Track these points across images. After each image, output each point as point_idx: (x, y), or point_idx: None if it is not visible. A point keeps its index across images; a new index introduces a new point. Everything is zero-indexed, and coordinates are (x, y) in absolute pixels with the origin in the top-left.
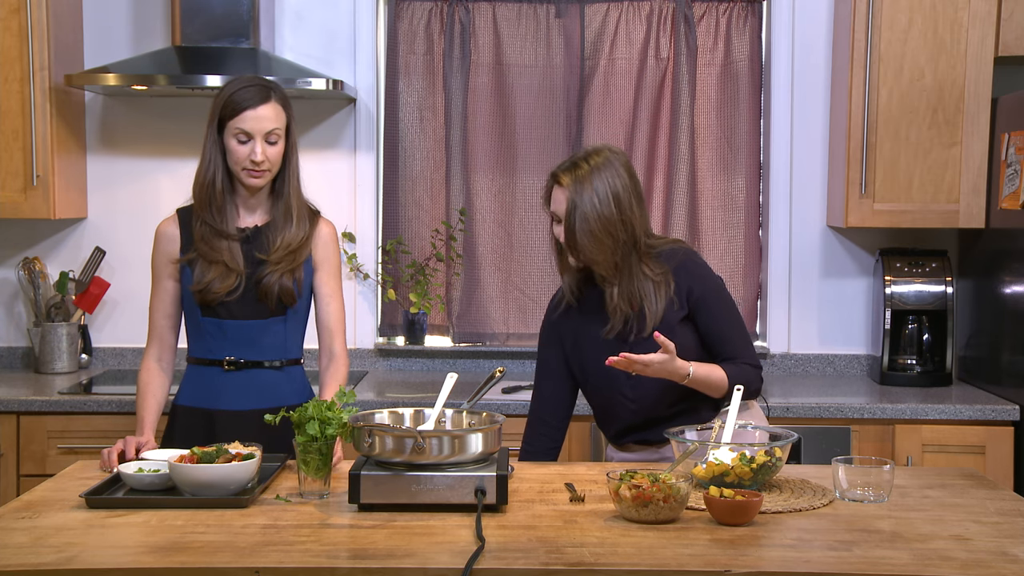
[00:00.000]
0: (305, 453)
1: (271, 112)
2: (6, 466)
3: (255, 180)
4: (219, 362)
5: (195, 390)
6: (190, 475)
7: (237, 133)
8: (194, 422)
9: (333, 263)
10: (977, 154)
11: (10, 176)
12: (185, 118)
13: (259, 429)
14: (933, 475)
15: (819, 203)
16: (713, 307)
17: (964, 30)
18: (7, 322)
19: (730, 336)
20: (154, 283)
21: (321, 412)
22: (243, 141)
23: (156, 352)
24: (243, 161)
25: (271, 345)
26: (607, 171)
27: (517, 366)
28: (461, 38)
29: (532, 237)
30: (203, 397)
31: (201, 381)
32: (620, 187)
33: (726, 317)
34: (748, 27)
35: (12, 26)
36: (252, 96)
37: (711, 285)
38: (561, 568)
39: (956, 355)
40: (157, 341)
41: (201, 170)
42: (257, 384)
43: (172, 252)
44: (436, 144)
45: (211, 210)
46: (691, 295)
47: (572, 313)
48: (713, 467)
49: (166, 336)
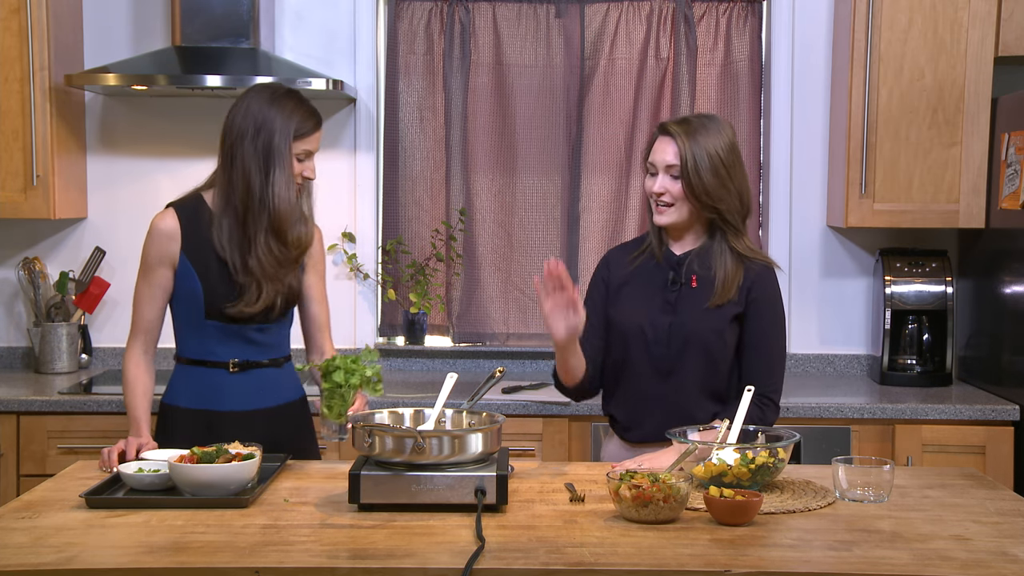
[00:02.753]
0: (330, 398)
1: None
2: (6, 466)
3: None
4: (224, 364)
5: (196, 392)
6: (190, 475)
7: (302, 153)
8: (197, 425)
9: (322, 265)
10: (977, 154)
11: (10, 176)
12: (185, 118)
13: (263, 429)
14: (933, 475)
15: (819, 203)
16: (762, 317)
17: (964, 30)
18: (7, 322)
19: (764, 357)
20: (145, 275)
21: (347, 364)
22: (302, 159)
23: (142, 346)
24: (296, 176)
25: (273, 344)
26: (718, 125)
27: (517, 366)
28: (461, 38)
29: (532, 237)
30: (206, 399)
31: (203, 383)
32: (731, 143)
33: (769, 336)
34: (748, 27)
35: (12, 26)
36: (316, 117)
37: (772, 297)
38: (561, 568)
39: (956, 355)
40: (144, 335)
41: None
42: (259, 383)
43: (172, 250)
44: (436, 144)
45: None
46: (750, 294)
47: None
48: (712, 467)
49: (153, 330)
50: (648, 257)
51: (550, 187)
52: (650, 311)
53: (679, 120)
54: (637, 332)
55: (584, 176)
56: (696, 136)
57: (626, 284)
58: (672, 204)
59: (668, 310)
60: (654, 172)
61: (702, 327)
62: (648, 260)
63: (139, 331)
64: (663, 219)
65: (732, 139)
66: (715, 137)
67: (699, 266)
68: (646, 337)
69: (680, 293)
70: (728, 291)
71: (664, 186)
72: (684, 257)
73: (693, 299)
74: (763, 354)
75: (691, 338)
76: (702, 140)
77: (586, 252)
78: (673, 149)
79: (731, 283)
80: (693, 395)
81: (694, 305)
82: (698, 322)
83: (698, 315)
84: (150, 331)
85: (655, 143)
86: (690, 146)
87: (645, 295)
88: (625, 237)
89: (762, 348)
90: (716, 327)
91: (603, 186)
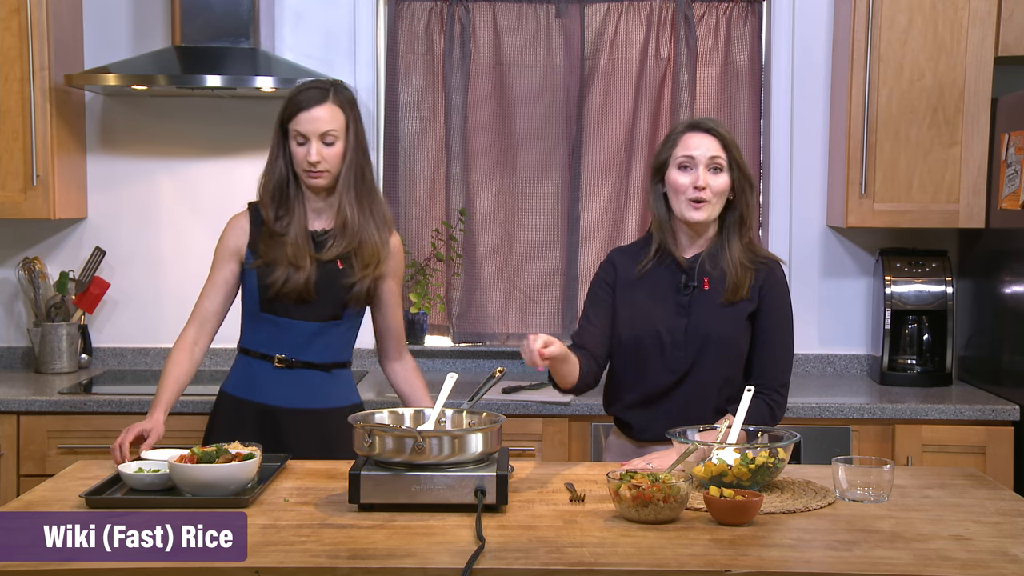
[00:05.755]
0: None
1: (326, 113)
2: (6, 466)
3: (315, 181)
4: (270, 358)
5: (242, 381)
6: (190, 475)
7: (295, 135)
8: (241, 413)
9: (400, 273)
10: (977, 154)
11: (10, 176)
12: (185, 118)
13: (305, 429)
14: (933, 475)
15: (819, 203)
16: (773, 314)
17: (964, 30)
18: (7, 322)
19: (774, 353)
20: (213, 269)
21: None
22: (301, 143)
23: (194, 335)
24: (301, 162)
25: (323, 347)
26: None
27: (517, 366)
28: (461, 38)
29: (532, 237)
30: (249, 389)
31: (250, 373)
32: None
33: (778, 331)
34: (748, 27)
35: (12, 26)
36: (309, 98)
37: (782, 295)
38: (561, 568)
39: (956, 355)
40: (197, 324)
41: (267, 171)
42: (304, 384)
43: (240, 244)
44: (436, 144)
45: (277, 210)
46: (763, 291)
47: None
48: (712, 467)
49: (208, 321)
50: (656, 262)
51: (550, 187)
52: (665, 315)
53: (707, 118)
54: (653, 336)
55: (584, 176)
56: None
57: (636, 288)
58: (709, 200)
59: (683, 312)
60: (690, 166)
61: (719, 327)
62: (657, 264)
63: (194, 319)
64: (699, 215)
65: None
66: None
67: (711, 267)
68: (662, 341)
69: (693, 295)
70: (741, 288)
71: (706, 180)
72: (695, 259)
73: (707, 300)
74: (774, 350)
75: (708, 339)
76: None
77: (586, 252)
78: (715, 144)
79: (743, 281)
80: (708, 395)
81: (708, 306)
82: (714, 323)
83: (714, 316)
84: (204, 321)
85: (683, 139)
86: (732, 140)
87: (657, 299)
88: (625, 237)
89: (773, 344)
90: (732, 326)
91: (603, 186)
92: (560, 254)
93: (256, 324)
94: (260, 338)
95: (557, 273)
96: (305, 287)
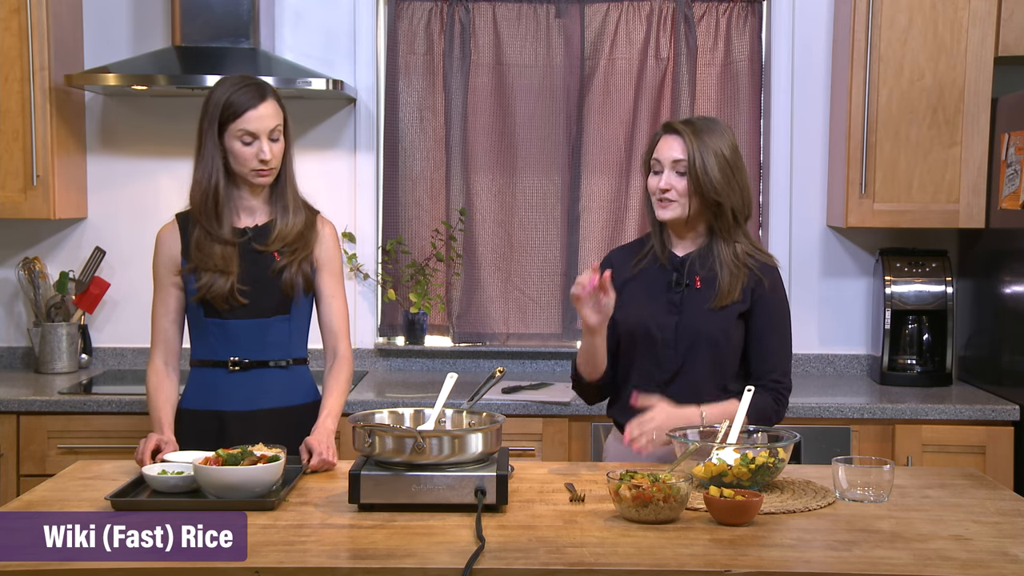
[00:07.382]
0: None
1: (271, 110)
2: (6, 466)
3: (263, 179)
4: (224, 363)
5: (200, 392)
6: (215, 477)
7: (241, 135)
8: (201, 424)
9: (335, 263)
10: (977, 154)
11: (10, 176)
12: (185, 118)
13: (268, 429)
14: (933, 475)
15: (819, 203)
16: (768, 313)
17: (964, 30)
18: (7, 322)
19: (771, 348)
20: (156, 288)
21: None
22: (248, 142)
23: (162, 356)
24: (251, 162)
25: (275, 344)
26: (720, 127)
27: (517, 366)
28: (461, 38)
29: (532, 237)
30: (209, 399)
31: (206, 383)
32: (732, 143)
33: (776, 328)
34: (748, 27)
35: (12, 26)
36: (251, 96)
37: (777, 294)
38: (561, 568)
39: (956, 355)
40: (162, 345)
41: (202, 177)
42: (263, 384)
43: (174, 257)
44: (436, 144)
45: (211, 216)
46: (755, 292)
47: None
48: (712, 467)
49: (171, 340)
50: (651, 260)
51: (550, 187)
52: (655, 312)
53: (683, 120)
54: (644, 333)
55: (584, 176)
56: (701, 135)
57: (629, 286)
58: (675, 200)
59: (673, 311)
60: (658, 170)
61: (708, 326)
62: (651, 263)
63: (156, 341)
64: (666, 214)
65: (733, 141)
66: (718, 137)
67: (700, 267)
68: (653, 338)
69: (684, 294)
70: (732, 293)
71: (669, 182)
72: (686, 258)
73: (697, 299)
74: (771, 344)
75: (698, 337)
76: (706, 138)
77: (586, 252)
78: (680, 145)
79: (734, 284)
80: (699, 394)
81: (699, 305)
82: (704, 321)
83: (703, 315)
84: (167, 340)
85: (658, 142)
86: (696, 143)
87: (649, 296)
88: (625, 237)
89: (770, 339)
90: (722, 325)
91: (603, 186)
92: (560, 254)
93: (204, 332)
94: (211, 345)
95: (557, 273)
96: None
